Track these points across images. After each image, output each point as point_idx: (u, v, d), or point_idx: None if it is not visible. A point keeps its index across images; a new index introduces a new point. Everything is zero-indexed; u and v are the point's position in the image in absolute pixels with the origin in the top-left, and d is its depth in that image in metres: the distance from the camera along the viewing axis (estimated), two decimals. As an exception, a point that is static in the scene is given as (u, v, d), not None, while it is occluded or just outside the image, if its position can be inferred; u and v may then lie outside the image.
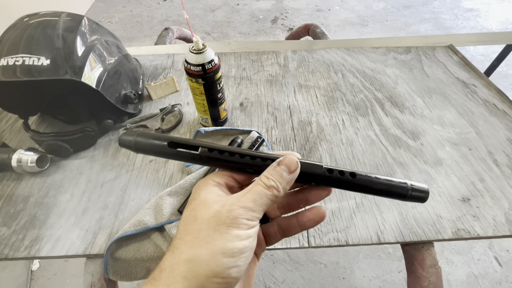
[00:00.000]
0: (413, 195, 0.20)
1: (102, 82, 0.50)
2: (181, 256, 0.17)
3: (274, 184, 0.18)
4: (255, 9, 2.53)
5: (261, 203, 0.18)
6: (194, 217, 0.18)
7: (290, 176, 0.19)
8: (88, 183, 0.49)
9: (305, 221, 0.21)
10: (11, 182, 0.49)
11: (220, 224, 0.17)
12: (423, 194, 0.20)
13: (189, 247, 0.17)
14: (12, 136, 0.57)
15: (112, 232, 0.42)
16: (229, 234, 0.17)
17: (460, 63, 0.72)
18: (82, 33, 0.49)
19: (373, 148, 0.53)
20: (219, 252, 0.16)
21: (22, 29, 0.46)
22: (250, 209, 0.18)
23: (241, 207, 0.18)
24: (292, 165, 0.19)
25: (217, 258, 0.16)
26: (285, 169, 0.19)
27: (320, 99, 0.64)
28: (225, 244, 0.16)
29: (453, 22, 2.25)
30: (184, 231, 0.18)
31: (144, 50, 0.78)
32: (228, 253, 0.16)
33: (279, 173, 0.19)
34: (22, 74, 0.42)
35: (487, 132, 0.55)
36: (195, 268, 0.16)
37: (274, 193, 0.18)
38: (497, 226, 0.42)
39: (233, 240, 0.17)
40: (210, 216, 0.18)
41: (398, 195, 0.20)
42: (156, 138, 0.20)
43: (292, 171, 0.19)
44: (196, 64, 0.45)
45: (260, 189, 0.18)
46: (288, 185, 0.19)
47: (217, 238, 0.17)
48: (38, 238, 0.42)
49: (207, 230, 0.17)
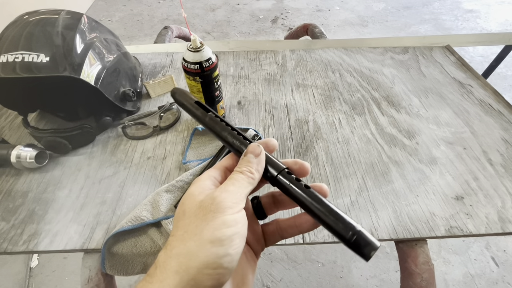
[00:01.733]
0: (356, 243, 0.17)
1: (101, 79, 0.50)
2: (172, 251, 0.17)
3: (245, 169, 0.20)
4: (255, 8, 2.54)
5: (241, 186, 0.19)
6: (183, 212, 0.18)
7: (257, 159, 0.20)
8: (87, 179, 0.49)
9: (303, 222, 0.22)
10: (10, 178, 0.49)
11: (207, 213, 0.17)
12: (368, 247, 0.17)
13: (179, 242, 0.17)
14: (11, 133, 0.57)
15: (110, 227, 0.43)
16: (215, 221, 0.17)
17: (457, 64, 0.72)
18: (81, 30, 0.49)
19: (369, 147, 0.54)
20: (207, 242, 0.16)
21: (21, 26, 0.46)
22: (232, 192, 0.18)
23: (223, 192, 0.18)
24: (256, 150, 0.21)
25: (206, 248, 0.16)
26: (251, 155, 0.20)
27: (317, 98, 0.64)
28: (213, 233, 0.16)
29: (453, 23, 2.25)
30: (176, 228, 0.18)
31: (143, 49, 0.78)
32: (217, 242, 0.16)
33: (247, 160, 0.20)
34: (22, 71, 0.43)
35: (482, 131, 0.56)
36: (185, 261, 0.16)
37: (249, 176, 0.20)
38: (490, 224, 0.43)
39: (220, 227, 0.17)
40: (196, 208, 0.18)
41: (339, 232, 0.17)
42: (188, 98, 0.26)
43: (257, 154, 0.20)
44: (194, 62, 0.45)
45: (236, 175, 0.20)
46: (259, 167, 0.20)
47: (204, 227, 0.17)
48: (36, 232, 0.42)
49: (195, 222, 0.17)
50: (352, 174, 0.50)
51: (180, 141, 0.55)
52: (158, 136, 0.56)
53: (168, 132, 0.57)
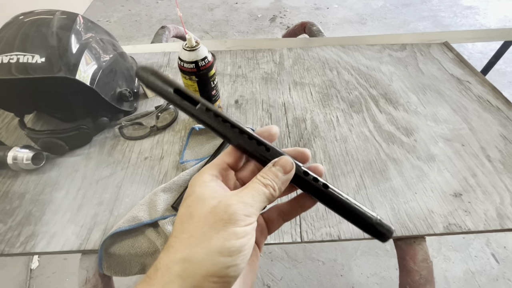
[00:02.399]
0: (378, 229, 0.19)
1: (96, 79, 0.50)
2: (176, 255, 0.16)
3: (270, 183, 0.18)
4: (253, 7, 2.53)
5: (259, 200, 0.18)
6: (190, 214, 0.18)
7: (286, 176, 0.19)
8: (84, 180, 0.49)
9: (306, 201, 0.22)
10: (7, 180, 0.49)
11: (217, 220, 0.17)
12: (387, 232, 0.19)
13: (184, 246, 0.17)
14: (8, 134, 0.57)
15: (107, 228, 0.43)
16: (226, 231, 0.16)
17: (455, 60, 0.72)
18: (76, 31, 0.49)
19: (367, 145, 0.54)
20: (215, 252, 0.16)
21: (17, 27, 0.46)
22: (248, 204, 0.17)
23: (240, 202, 0.17)
24: (288, 166, 0.19)
25: (213, 258, 0.16)
26: (280, 169, 0.19)
27: (314, 96, 0.64)
28: (222, 243, 0.16)
29: (451, 20, 2.25)
30: (180, 230, 0.17)
31: (140, 49, 0.78)
32: (225, 252, 0.16)
33: (274, 173, 0.19)
34: (17, 72, 0.43)
35: (481, 128, 0.56)
36: (190, 267, 0.16)
37: (270, 192, 0.18)
38: (488, 221, 0.43)
39: (230, 238, 0.16)
40: (206, 212, 0.17)
41: (364, 223, 0.20)
42: (165, 82, 0.20)
43: (287, 171, 0.19)
44: (189, 61, 0.45)
45: (258, 187, 0.18)
46: (283, 185, 0.19)
47: (214, 236, 0.16)
48: (33, 234, 0.42)
49: (204, 227, 0.17)
50: (350, 172, 0.50)
51: (177, 140, 0.55)
52: (155, 136, 0.56)
53: (165, 132, 0.57)
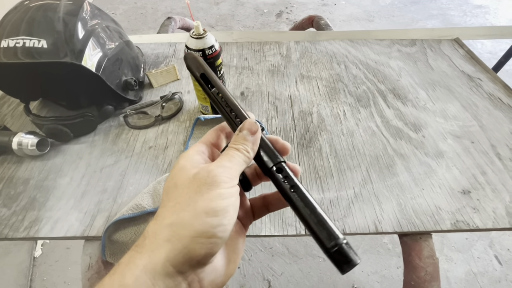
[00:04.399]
0: (335, 255, 0.16)
1: (102, 67, 0.49)
2: (163, 222, 0.17)
3: (241, 146, 0.20)
4: (259, 2, 2.51)
5: (236, 163, 0.19)
6: (175, 184, 0.18)
7: (254, 137, 0.20)
8: (88, 168, 0.49)
9: None
10: (11, 165, 0.49)
11: (201, 185, 0.17)
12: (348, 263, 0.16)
13: (171, 212, 0.17)
14: (13, 121, 0.57)
15: (111, 215, 0.43)
16: (210, 193, 0.17)
17: (466, 57, 0.70)
18: (83, 17, 0.49)
19: (374, 139, 0.53)
20: (202, 212, 0.16)
21: (23, 11, 0.46)
22: (227, 167, 0.18)
23: (219, 167, 0.18)
24: (253, 127, 0.20)
25: (200, 218, 0.16)
26: (247, 132, 0.20)
27: (321, 90, 0.63)
28: (208, 204, 0.16)
29: (461, 19, 2.21)
30: (167, 199, 0.18)
31: (146, 39, 0.77)
32: (211, 212, 0.16)
33: (243, 137, 0.20)
34: (23, 56, 0.42)
35: (491, 125, 0.55)
36: (178, 230, 0.16)
37: (244, 154, 0.19)
38: (497, 219, 0.42)
39: (215, 199, 0.17)
40: (189, 180, 0.18)
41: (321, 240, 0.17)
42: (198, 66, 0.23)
43: (253, 132, 0.20)
44: (196, 49, 0.45)
45: (232, 152, 0.19)
46: (254, 146, 0.20)
47: (199, 199, 0.17)
48: (37, 219, 0.42)
49: (188, 193, 0.17)
50: (356, 166, 0.49)
51: (182, 131, 0.55)
52: (160, 126, 0.56)
53: (170, 121, 0.57)
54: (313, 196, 0.20)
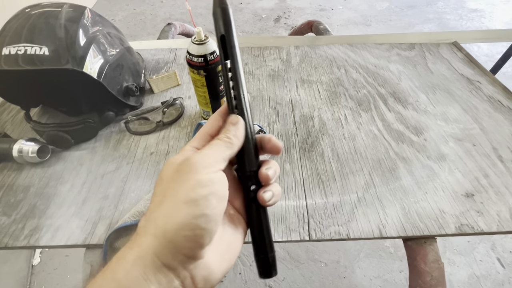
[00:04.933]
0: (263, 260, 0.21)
1: (103, 73, 0.49)
2: (150, 216, 0.17)
3: (223, 135, 0.20)
4: (258, 8, 2.53)
5: (219, 150, 0.19)
6: (161, 178, 0.18)
7: (235, 126, 0.20)
8: (89, 174, 0.49)
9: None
10: (12, 172, 0.49)
11: (181, 175, 0.17)
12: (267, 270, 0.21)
13: (157, 206, 0.17)
14: (13, 127, 0.57)
15: (112, 222, 0.42)
16: (189, 182, 0.16)
17: (465, 60, 0.71)
18: (84, 24, 0.49)
19: (376, 143, 0.53)
20: (181, 203, 0.16)
21: (24, 19, 0.46)
22: (206, 154, 0.18)
23: (198, 154, 0.18)
24: (233, 119, 0.21)
25: (180, 209, 0.16)
26: (229, 123, 0.20)
27: (322, 94, 0.63)
28: (187, 193, 0.16)
29: (457, 23, 2.24)
30: (154, 194, 0.18)
31: (147, 45, 0.78)
32: (191, 202, 0.16)
33: (226, 128, 0.20)
34: (24, 63, 0.42)
35: (492, 128, 0.55)
36: (161, 224, 0.16)
37: (226, 141, 0.19)
38: (502, 222, 0.42)
39: (194, 187, 0.16)
40: (173, 172, 0.18)
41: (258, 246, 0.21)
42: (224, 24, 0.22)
43: (234, 123, 0.20)
44: (198, 55, 0.45)
45: (215, 141, 0.20)
46: (238, 133, 0.20)
47: (179, 189, 0.16)
48: (38, 227, 0.42)
49: (172, 185, 0.17)
50: (359, 170, 0.49)
51: (183, 136, 0.55)
52: (161, 132, 0.56)
53: (171, 127, 0.56)
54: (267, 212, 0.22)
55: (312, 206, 0.44)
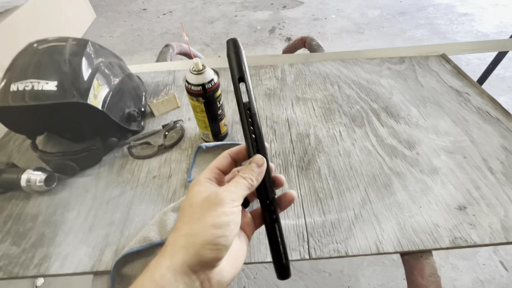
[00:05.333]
0: (285, 267, 0.26)
1: (107, 102, 0.52)
2: (180, 232, 0.22)
3: (248, 176, 0.25)
4: (252, 20, 2.59)
5: (241, 188, 0.24)
6: (190, 204, 0.23)
7: (259, 169, 0.25)
8: (94, 200, 0.50)
9: (281, 204, 0.28)
10: (19, 201, 0.51)
11: (210, 205, 0.22)
12: (284, 272, 0.25)
13: (186, 225, 0.22)
14: (20, 156, 0.59)
15: (118, 248, 0.44)
16: (216, 211, 0.22)
17: (453, 72, 0.73)
18: (87, 56, 0.51)
19: (370, 159, 0.55)
20: (209, 225, 0.21)
21: (31, 55, 0.48)
22: (232, 192, 0.23)
23: (226, 191, 0.23)
24: (259, 161, 0.25)
25: (208, 230, 0.21)
26: (255, 165, 0.25)
27: (317, 111, 0.65)
28: (214, 219, 0.21)
29: (448, 27, 2.28)
30: (183, 215, 0.23)
31: (146, 68, 0.80)
32: (217, 225, 0.21)
33: (250, 168, 0.25)
34: (31, 99, 0.44)
35: (481, 139, 0.57)
36: (191, 239, 0.21)
37: (249, 182, 0.24)
38: (494, 234, 0.43)
39: (220, 215, 0.21)
40: (202, 200, 0.23)
41: (281, 255, 0.26)
42: (238, 66, 0.25)
43: (260, 165, 0.25)
44: (197, 84, 0.47)
45: (239, 179, 0.24)
46: (259, 176, 0.25)
47: (208, 215, 0.22)
48: (47, 256, 0.43)
49: (200, 210, 0.22)
50: (355, 186, 0.50)
51: (184, 158, 0.57)
52: (163, 155, 0.58)
53: (173, 150, 0.58)
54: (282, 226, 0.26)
55: (311, 224, 0.46)
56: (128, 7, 2.97)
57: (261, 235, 0.45)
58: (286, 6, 2.76)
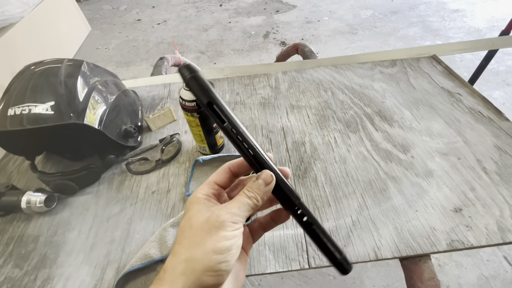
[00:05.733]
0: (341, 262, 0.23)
1: (103, 121, 0.52)
2: (180, 257, 0.20)
3: (253, 195, 0.22)
4: (246, 25, 2.61)
5: (244, 209, 0.22)
6: (190, 225, 0.22)
7: (267, 188, 0.23)
8: (95, 219, 0.51)
9: (279, 217, 0.26)
10: (21, 223, 0.51)
11: (211, 227, 0.21)
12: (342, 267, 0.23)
13: (186, 249, 0.20)
14: (20, 177, 0.59)
15: (120, 266, 0.44)
16: (218, 235, 0.20)
17: (445, 73, 0.74)
18: (82, 77, 0.52)
19: (366, 164, 0.55)
20: (210, 251, 0.20)
21: (27, 79, 0.49)
22: (235, 214, 0.21)
23: (228, 213, 0.21)
24: (268, 179, 0.23)
25: (209, 256, 0.20)
26: (262, 182, 0.23)
27: (312, 118, 0.66)
28: (215, 244, 0.20)
29: (440, 24, 2.30)
30: (182, 237, 0.21)
31: (141, 82, 0.81)
32: (218, 251, 0.20)
33: (257, 186, 0.23)
34: (28, 123, 0.45)
35: (475, 140, 0.57)
36: (191, 265, 0.19)
37: (254, 202, 0.22)
38: (490, 235, 0.44)
39: (221, 240, 0.20)
40: (203, 222, 0.21)
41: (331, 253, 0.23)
42: (202, 91, 0.22)
43: (268, 183, 0.23)
44: (190, 100, 0.48)
45: (243, 199, 0.22)
46: (265, 195, 0.23)
47: (209, 239, 0.20)
48: (49, 277, 0.44)
49: (201, 233, 0.21)
50: (351, 193, 0.51)
51: (182, 172, 0.57)
52: (161, 169, 0.58)
53: (170, 164, 0.59)
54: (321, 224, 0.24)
55: (309, 233, 0.46)
56: (122, 19, 2.99)
57: (260, 246, 0.45)
58: (279, 11, 2.79)
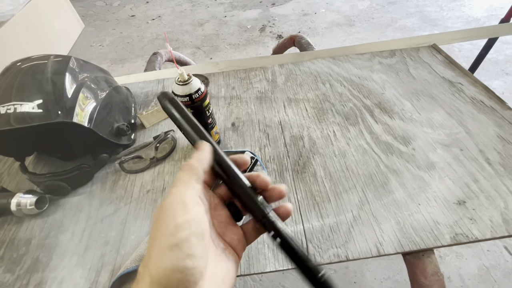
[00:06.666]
0: (319, 283, 0.20)
1: (93, 119, 0.51)
2: (146, 263, 0.17)
3: (185, 163, 0.21)
4: (242, 19, 2.57)
5: (188, 185, 0.19)
6: (152, 223, 0.19)
7: (199, 151, 0.22)
8: (88, 220, 0.49)
9: None
10: (12, 226, 0.50)
11: (161, 221, 0.17)
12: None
13: (147, 254, 0.17)
14: (10, 179, 0.58)
15: (115, 268, 0.43)
16: (168, 227, 0.17)
17: (445, 62, 0.73)
18: (70, 74, 0.50)
19: (366, 158, 0.54)
20: (166, 249, 0.16)
21: (13, 76, 0.47)
22: (179, 196, 0.18)
23: (171, 197, 0.18)
24: (201, 145, 0.23)
25: (166, 255, 0.16)
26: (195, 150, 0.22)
27: (310, 111, 0.64)
28: (168, 239, 0.17)
29: (438, 14, 2.27)
30: (150, 236, 0.18)
31: (134, 78, 0.79)
32: (174, 246, 0.16)
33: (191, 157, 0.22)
34: (16, 122, 0.43)
35: (477, 130, 0.56)
36: (154, 271, 0.16)
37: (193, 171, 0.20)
38: (495, 227, 0.42)
39: (174, 232, 0.17)
40: (155, 219, 0.18)
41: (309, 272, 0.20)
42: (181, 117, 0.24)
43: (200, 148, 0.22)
44: (183, 95, 0.46)
45: (182, 174, 0.20)
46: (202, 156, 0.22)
47: (161, 236, 0.17)
48: (42, 281, 0.42)
49: (155, 233, 0.17)
50: (352, 187, 0.50)
51: (177, 170, 0.56)
52: (155, 168, 0.57)
53: (165, 162, 0.57)
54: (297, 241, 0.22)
55: (309, 230, 0.45)
56: (116, 15, 2.94)
57: (259, 244, 0.44)
58: (275, 3, 2.74)
